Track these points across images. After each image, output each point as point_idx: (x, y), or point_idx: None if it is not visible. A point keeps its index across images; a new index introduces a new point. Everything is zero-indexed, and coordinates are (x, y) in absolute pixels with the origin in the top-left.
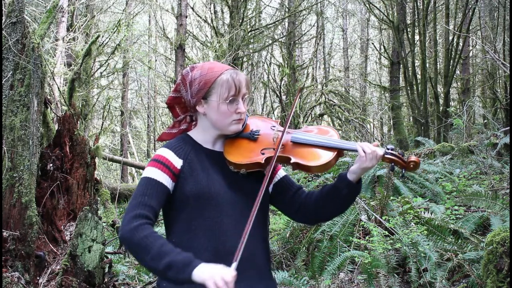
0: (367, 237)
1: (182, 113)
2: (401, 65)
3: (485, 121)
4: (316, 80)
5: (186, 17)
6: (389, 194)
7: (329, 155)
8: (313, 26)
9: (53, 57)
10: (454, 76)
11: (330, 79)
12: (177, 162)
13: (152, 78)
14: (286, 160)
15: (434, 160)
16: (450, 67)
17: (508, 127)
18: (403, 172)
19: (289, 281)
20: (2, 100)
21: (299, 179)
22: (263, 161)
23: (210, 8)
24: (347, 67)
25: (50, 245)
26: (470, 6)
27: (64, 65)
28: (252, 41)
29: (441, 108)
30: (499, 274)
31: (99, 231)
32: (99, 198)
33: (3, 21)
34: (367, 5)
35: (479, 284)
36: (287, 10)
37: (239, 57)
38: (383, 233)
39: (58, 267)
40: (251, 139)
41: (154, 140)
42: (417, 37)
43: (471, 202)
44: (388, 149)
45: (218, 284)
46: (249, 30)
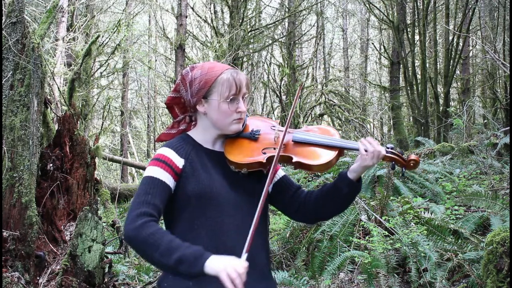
0: (367, 237)
1: (181, 114)
2: (401, 65)
3: (485, 121)
4: (316, 80)
5: (186, 17)
6: (389, 194)
7: (331, 154)
8: (313, 26)
9: (53, 57)
10: (454, 76)
11: (330, 79)
12: (179, 162)
13: (152, 78)
14: (288, 160)
15: (434, 160)
16: (450, 67)
17: (508, 127)
18: (403, 171)
19: (289, 281)
20: (2, 100)
21: (299, 179)
22: (265, 161)
23: (210, 8)
24: (347, 67)
25: (50, 245)
26: (470, 6)
27: (64, 65)
28: (252, 41)
29: (441, 108)
30: (499, 274)
31: (99, 231)
32: (99, 198)
33: (3, 21)
34: (367, 5)
35: (479, 284)
36: (287, 10)
37: (239, 57)
38: (383, 233)
39: (58, 267)
40: (252, 139)
41: (154, 140)
42: (417, 37)
43: (471, 202)
44: (388, 148)
45: (232, 276)
46: (249, 30)
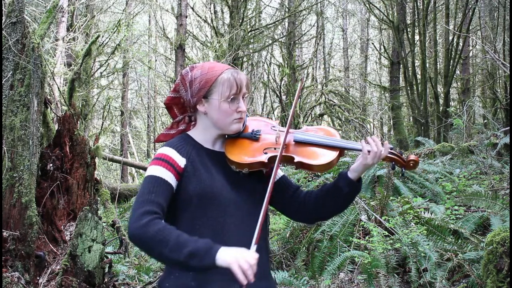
0: (367, 237)
1: (180, 114)
2: (401, 65)
3: (485, 121)
4: (316, 80)
5: (186, 17)
6: (389, 194)
7: (332, 155)
8: (313, 26)
9: (53, 57)
10: (454, 76)
11: (330, 79)
12: (181, 161)
13: (152, 78)
14: (290, 160)
15: (434, 160)
16: (450, 67)
17: (508, 127)
18: (403, 171)
19: (289, 281)
20: (2, 100)
21: (299, 179)
22: (267, 160)
23: (210, 8)
24: (347, 67)
25: (50, 245)
26: (470, 6)
27: (64, 65)
28: (252, 41)
29: (441, 108)
30: (499, 274)
31: (99, 231)
32: (99, 198)
33: (3, 21)
34: (367, 5)
35: (479, 284)
36: (287, 10)
37: (239, 57)
38: (383, 233)
39: (58, 267)
40: (253, 139)
41: (154, 141)
42: (417, 37)
43: (471, 202)
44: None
45: (243, 267)
46: (249, 30)
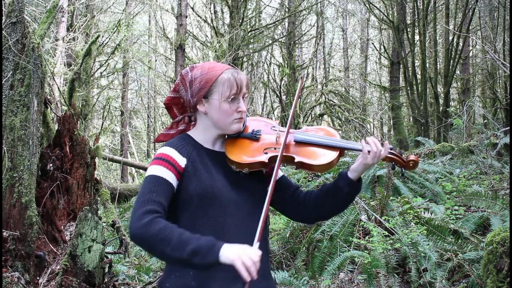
0: (367, 237)
1: (180, 114)
2: (401, 65)
3: (485, 121)
4: (316, 80)
5: (186, 17)
6: (389, 194)
7: (332, 155)
8: (313, 26)
9: (53, 57)
10: (454, 76)
11: (330, 79)
12: (182, 161)
13: (152, 78)
14: (290, 160)
15: (434, 160)
16: (450, 67)
17: (508, 127)
18: (403, 171)
19: (289, 281)
20: (2, 100)
21: (299, 179)
22: (267, 160)
23: (210, 8)
24: (347, 67)
25: (50, 245)
26: (470, 6)
27: (64, 65)
28: (252, 41)
29: (441, 108)
30: (499, 274)
31: (99, 231)
32: (99, 198)
33: (3, 21)
34: (367, 5)
35: (479, 284)
36: (287, 10)
37: (239, 57)
38: (383, 233)
39: (58, 267)
40: (253, 139)
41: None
42: (417, 37)
43: (471, 202)
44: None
45: (247, 264)
46: (249, 30)
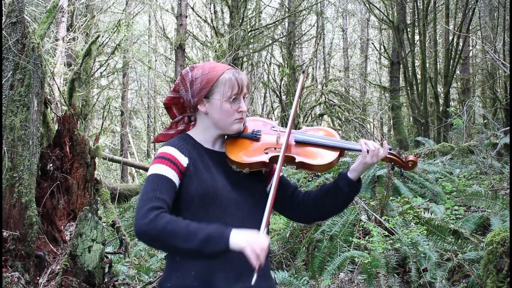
0: (367, 237)
1: (179, 114)
2: (401, 65)
3: (485, 121)
4: (316, 80)
5: (186, 17)
6: (389, 194)
7: (332, 155)
8: (313, 26)
9: (53, 57)
10: (454, 76)
11: (330, 79)
12: (183, 160)
13: (152, 78)
14: (291, 160)
15: (434, 160)
16: (450, 67)
17: (508, 127)
18: (402, 171)
19: (289, 281)
20: (2, 100)
21: (299, 179)
22: (268, 160)
23: (210, 8)
24: (347, 67)
25: (50, 245)
26: (470, 6)
27: (64, 65)
28: (252, 41)
29: (441, 108)
30: (499, 274)
31: (99, 231)
32: (99, 198)
33: (3, 21)
34: (367, 5)
35: (479, 284)
36: (287, 10)
37: (239, 57)
38: (383, 233)
39: (58, 267)
40: (254, 139)
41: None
42: (417, 37)
43: (471, 202)
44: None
45: (256, 251)
46: (249, 30)
